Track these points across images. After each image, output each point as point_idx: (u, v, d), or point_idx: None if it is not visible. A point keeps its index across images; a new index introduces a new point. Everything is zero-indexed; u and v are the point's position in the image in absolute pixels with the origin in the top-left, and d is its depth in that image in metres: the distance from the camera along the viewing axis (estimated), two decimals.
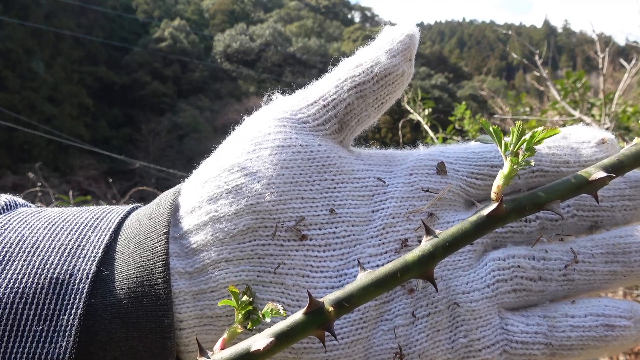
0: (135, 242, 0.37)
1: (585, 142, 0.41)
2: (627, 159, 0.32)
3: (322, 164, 0.40)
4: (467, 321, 0.37)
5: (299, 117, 0.41)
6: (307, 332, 0.28)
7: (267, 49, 36.61)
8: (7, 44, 22.59)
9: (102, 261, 0.35)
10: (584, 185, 0.31)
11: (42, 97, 23.15)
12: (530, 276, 0.38)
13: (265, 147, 0.39)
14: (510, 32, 4.66)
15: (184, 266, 0.36)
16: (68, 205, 1.98)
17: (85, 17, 30.75)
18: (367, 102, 0.41)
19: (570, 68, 9.59)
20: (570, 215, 0.41)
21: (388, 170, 0.42)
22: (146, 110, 29.60)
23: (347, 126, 0.42)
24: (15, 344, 0.32)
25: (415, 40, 0.42)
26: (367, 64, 0.41)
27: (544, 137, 0.31)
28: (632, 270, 0.40)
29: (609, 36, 5.16)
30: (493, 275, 0.38)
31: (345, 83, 0.41)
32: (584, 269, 0.39)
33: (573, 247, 0.39)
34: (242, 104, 27.53)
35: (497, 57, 50.01)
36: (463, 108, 2.84)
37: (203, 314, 0.36)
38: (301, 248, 0.38)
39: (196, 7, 41.66)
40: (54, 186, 9.67)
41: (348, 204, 0.39)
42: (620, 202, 0.41)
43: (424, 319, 0.37)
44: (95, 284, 0.34)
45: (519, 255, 0.39)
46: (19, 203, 0.44)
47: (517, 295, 0.38)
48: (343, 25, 46.68)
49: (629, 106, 2.48)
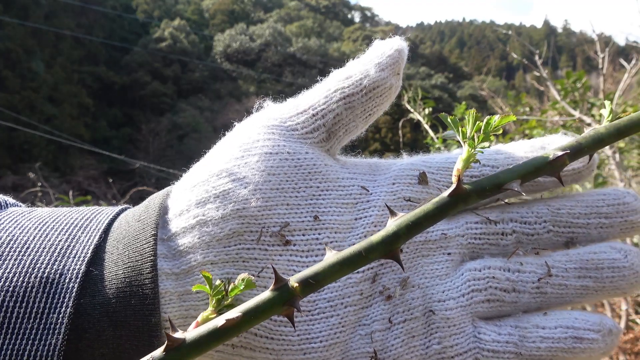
0: (124, 243, 0.37)
1: None
2: (586, 141, 0.33)
3: (308, 171, 0.41)
4: (442, 328, 0.38)
5: (288, 125, 0.42)
6: (273, 308, 0.28)
7: (267, 49, 36.61)
8: (7, 44, 22.60)
9: (91, 261, 0.36)
10: (544, 166, 0.31)
11: (42, 97, 23.16)
12: (504, 287, 0.39)
13: (254, 154, 0.40)
14: (510, 32, 4.65)
15: (171, 267, 0.37)
16: (68, 205, 1.98)
17: (85, 17, 30.76)
18: (355, 113, 0.42)
19: (570, 68, 9.60)
20: (546, 231, 0.41)
21: (372, 179, 0.43)
22: (146, 110, 29.61)
23: (335, 135, 0.43)
24: (6, 341, 0.33)
25: (404, 54, 0.43)
26: (356, 77, 0.42)
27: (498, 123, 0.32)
28: (603, 286, 0.40)
29: (609, 36, 5.16)
30: (468, 285, 0.39)
31: (334, 94, 0.42)
32: (556, 282, 0.40)
33: (548, 261, 0.40)
34: (242, 104, 27.55)
35: (497, 57, 50.02)
36: (463, 108, 2.84)
37: (188, 314, 0.37)
38: (285, 253, 0.39)
39: (196, 7, 41.67)
40: (54, 186, 9.68)
41: (332, 211, 0.40)
42: (597, 219, 0.41)
43: (400, 325, 0.38)
44: (84, 284, 0.35)
45: (494, 266, 0.40)
46: (10, 203, 0.44)
47: (491, 305, 0.40)
48: (343, 25, 46.70)
49: (629, 106, 2.49)
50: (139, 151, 23.98)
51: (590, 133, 0.33)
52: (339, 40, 42.13)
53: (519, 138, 2.95)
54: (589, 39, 9.05)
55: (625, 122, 0.33)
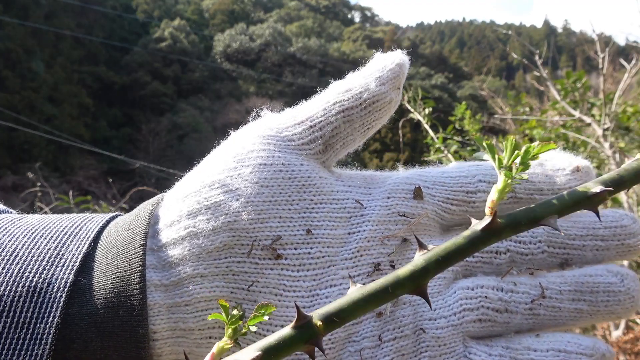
0: (113, 252, 0.37)
1: (560, 169, 0.42)
2: (628, 173, 0.31)
3: (302, 183, 0.40)
4: (432, 347, 0.38)
5: (284, 135, 0.41)
6: (295, 346, 0.28)
7: (267, 49, 36.60)
8: (7, 44, 22.59)
9: (80, 270, 0.36)
10: (582, 201, 0.30)
11: (42, 97, 23.15)
12: (497, 307, 0.39)
13: (247, 165, 0.40)
14: (510, 32, 4.65)
15: (160, 278, 0.37)
16: (68, 205, 1.98)
17: (85, 17, 30.75)
18: (354, 127, 0.42)
19: (570, 68, 9.60)
20: (541, 251, 0.41)
21: (367, 192, 0.42)
22: (146, 110, 29.60)
23: (332, 148, 0.42)
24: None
25: (405, 69, 0.42)
26: (356, 90, 0.41)
27: (538, 152, 0.30)
28: (598, 310, 0.40)
29: (609, 36, 5.16)
30: (460, 304, 0.39)
31: (334, 107, 0.41)
32: (550, 304, 0.39)
33: (542, 282, 0.40)
34: (242, 104, 27.55)
35: (497, 57, 49.99)
36: (463, 108, 2.84)
37: (176, 327, 0.36)
38: (276, 267, 0.38)
39: (196, 7, 41.66)
40: (54, 186, 9.67)
41: (325, 225, 0.40)
42: (593, 241, 0.41)
43: (390, 343, 0.38)
44: (72, 293, 0.35)
45: (487, 285, 0.39)
46: (0, 209, 0.44)
47: (482, 325, 0.39)
48: (343, 25, 46.68)
49: (629, 106, 2.49)
50: (139, 151, 23.97)
51: (633, 165, 0.31)
52: (339, 40, 42.11)
53: (519, 138, 2.95)
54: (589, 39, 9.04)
55: None
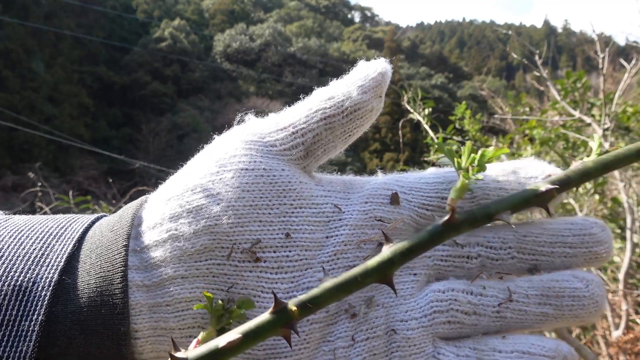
0: (97, 252, 0.38)
1: (532, 177, 0.43)
2: (574, 175, 0.34)
3: (282, 188, 0.41)
4: (402, 348, 0.39)
5: (266, 141, 0.42)
6: (273, 330, 0.29)
7: (267, 49, 36.62)
8: (7, 44, 22.60)
9: (64, 270, 0.37)
10: (532, 198, 0.33)
11: (42, 97, 23.16)
12: (465, 310, 0.40)
13: (229, 170, 0.41)
14: (510, 32, 4.66)
15: (142, 279, 0.38)
16: (68, 205, 1.98)
17: (85, 17, 30.76)
18: (335, 134, 0.43)
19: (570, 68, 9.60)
20: (511, 257, 0.42)
21: (346, 197, 0.43)
22: (146, 110, 29.61)
23: (313, 154, 0.43)
24: None
25: (387, 77, 0.43)
26: (338, 98, 0.42)
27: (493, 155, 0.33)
28: (562, 314, 0.41)
29: (609, 36, 5.16)
30: (431, 306, 0.40)
31: (316, 114, 0.42)
32: (517, 308, 0.41)
33: (510, 286, 0.41)
34: (242, 103, 27.56)
35: (497, 57, 50.02)
36: (463, 108, 2.84)
37: (157, 326, 0.38)
38: (254, 269, 0.39)
39: (196, 7, 41.67)
40: (54, 186, 9.67)
41: (304, 229, 0.41)
42: (561, 248, 0.42)
43: (362, 343, 0.39)
44: (57, 292, 0.36)
45: (457, 289, 0.41)
46: None
47: (452, 326, 0.40)
48: (343, 25, 46.71)
49: (629, 106, 2.48)
50: (139, 151, 23.99)
51: (579, 167, 0.34)
52: (339, 40, 42.11)
53: (519, 138, 2.95)
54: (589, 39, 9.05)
55: (612, 158, 0.34)
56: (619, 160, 0.34)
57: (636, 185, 2.53)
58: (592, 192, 2.18)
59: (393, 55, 35.02)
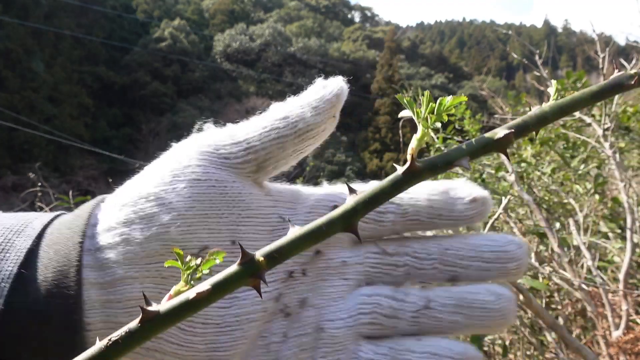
0: (54, 248, 0.41)
1: (459, 198, 0.46)
2: (531, 119, 0.35)
3: (232, 199, 0.44)
4: (327, 344, 0.43)
5: (221, 153, 0.44)
6: (241, 280, 0.31)
7: (267, 49, 36.66)
8: (7, 44, 22.63)
9: (23, 264, 0.40)
10: (490, 144, 0.34)
11: (42, 97, 23.19)
12: (386, 313, 0.44)
13: (182, 180, 0.43)
14: (510, 32, 4.66)
15: (96, 277, 0.41)
16: (68, 205, 1.96)
17: (85, 17, 30.79)
18: (287, 152, 0.45)
19: (570, 68, 9.60)
20: (433, 267, 0.45)
21: (292, 207, 0.46)
22: (146, 110, 29.65)
23: (264, 170, 0.46)
24: None
25: (342, 97, 0.46)
26: (292, 119, 0.44)
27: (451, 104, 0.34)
28: (472, 323, 0.45)
29: (609, 36, 5.15)
30: (357, 308, 0.44)
31: (270, 133, 0.44)
32: (432, 315, 0.44)
33: (430, 295, 0.45)
34: (242, 104, 27.60)
35: (497, 57, 50.07)
36: (463, 108, 2.84)
37: (109, 320, 0.40)
38: None
39: (196, 7, 41.73)
40: (54, 186, 9.67)
41: (249, 237, 0.44)
42: (478, 262, 0.45)
43: (293, 339, 0.43)
44: (15, 284, 0.39)
45: (382, 294, 0.44)
46: None
47: (373, 327, 0.44)
48: (343, 25, 46.74)
49: (629, 106, 2.48)
50: (139, 151, 24.02)
51: (536, 112, 0.35)
52: (339, 40, 42.12)
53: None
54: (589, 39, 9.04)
55: (567, 102, 0.35)
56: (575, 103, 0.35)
57: (636, 185, 2.52)
58: (592, 192, 2.18)
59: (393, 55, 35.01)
